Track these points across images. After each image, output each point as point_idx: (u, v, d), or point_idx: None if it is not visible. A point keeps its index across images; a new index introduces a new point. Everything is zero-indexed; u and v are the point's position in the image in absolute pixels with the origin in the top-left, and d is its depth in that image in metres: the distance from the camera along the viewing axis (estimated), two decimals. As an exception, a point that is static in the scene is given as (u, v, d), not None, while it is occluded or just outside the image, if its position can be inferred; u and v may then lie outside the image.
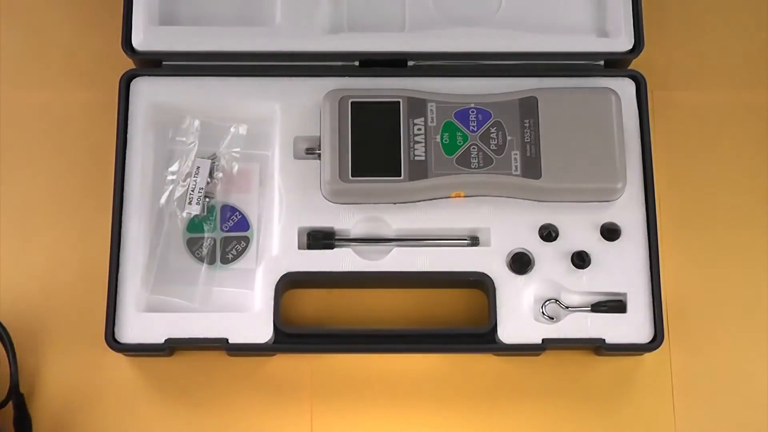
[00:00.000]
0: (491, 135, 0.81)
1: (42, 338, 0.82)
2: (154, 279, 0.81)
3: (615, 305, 0.80)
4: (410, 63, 0.85)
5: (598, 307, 0.80)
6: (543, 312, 0.81)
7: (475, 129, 0.81)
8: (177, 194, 0.82)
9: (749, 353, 0.83)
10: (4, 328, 0.78)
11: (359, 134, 0.81)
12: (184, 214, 0.82)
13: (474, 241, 0.82)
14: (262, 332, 0.79)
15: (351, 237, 0.82)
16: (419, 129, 0.81)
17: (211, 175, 0.83)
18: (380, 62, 0.85)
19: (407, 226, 0.82)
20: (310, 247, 0.81)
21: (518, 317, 0.80)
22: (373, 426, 0.81)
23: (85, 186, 0.85)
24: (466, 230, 0.82)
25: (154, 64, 0.85)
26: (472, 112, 0.81)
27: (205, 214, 0.82)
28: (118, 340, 0.79)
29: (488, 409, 0.82)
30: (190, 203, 0.82)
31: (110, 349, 0.79)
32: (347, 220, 0.82)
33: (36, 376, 0.81)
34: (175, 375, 0.82)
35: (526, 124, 0.81)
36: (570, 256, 0.81)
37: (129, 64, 0.85)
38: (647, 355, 0.82)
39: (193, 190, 0.82)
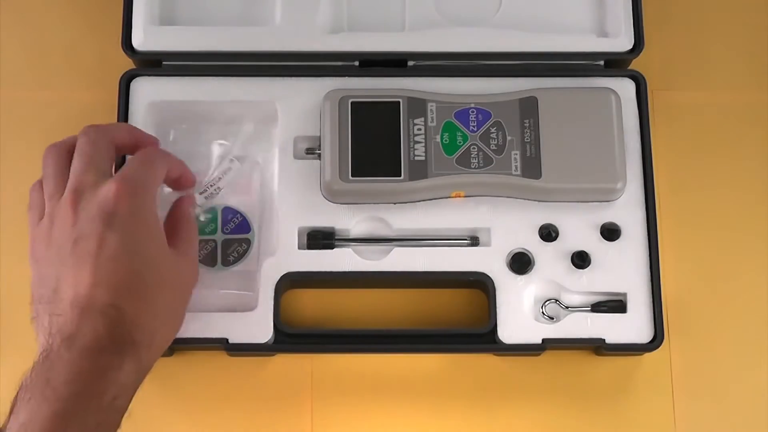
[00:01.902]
0: (491, 135, 0.81)
1: (42, 338, 0.82)
2: (154, 279, 0.81)
3: (615, 305, 0.80)
4: (410, 63, 0.85)
5: (598, 307, 0.80)
6: (543, 312, 0.81)
7: (475, 129, 0.81)
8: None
9: (749, 353, 0.83)
10: None
11: (359, 134, 0.81)
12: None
13: (474, 241, 0.82)
14: (262, 332, 0.79)
15: (351, 237, 0.82)
16: (419, 129, 0.81)
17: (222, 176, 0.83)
18: (380, 62, 0.85)
19: (407, 226, 0.82)
20: (310, 247, 0.81)
21: (518, 317, 0.80)
22: (373, 426, 0.81)
23: (85, 186, 0.85)
24: (466, 230, 0.82)
25: (154, 64, 0.85)
26: (472, 112, 0.81)
27: (209, 216, 0.82)
28: (118, 340, 0.79)
29: (488, 409, 0.82)
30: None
31: (110, 349, 0.79)
32: (347, 220, 0.82)
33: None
34: (175, 375, 0.82)
35: (526, 124, 0.81)
36: (570, 256, 0.81)
37: (129, 64, 0.85)
38: (647, 355, 0.82)
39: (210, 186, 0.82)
